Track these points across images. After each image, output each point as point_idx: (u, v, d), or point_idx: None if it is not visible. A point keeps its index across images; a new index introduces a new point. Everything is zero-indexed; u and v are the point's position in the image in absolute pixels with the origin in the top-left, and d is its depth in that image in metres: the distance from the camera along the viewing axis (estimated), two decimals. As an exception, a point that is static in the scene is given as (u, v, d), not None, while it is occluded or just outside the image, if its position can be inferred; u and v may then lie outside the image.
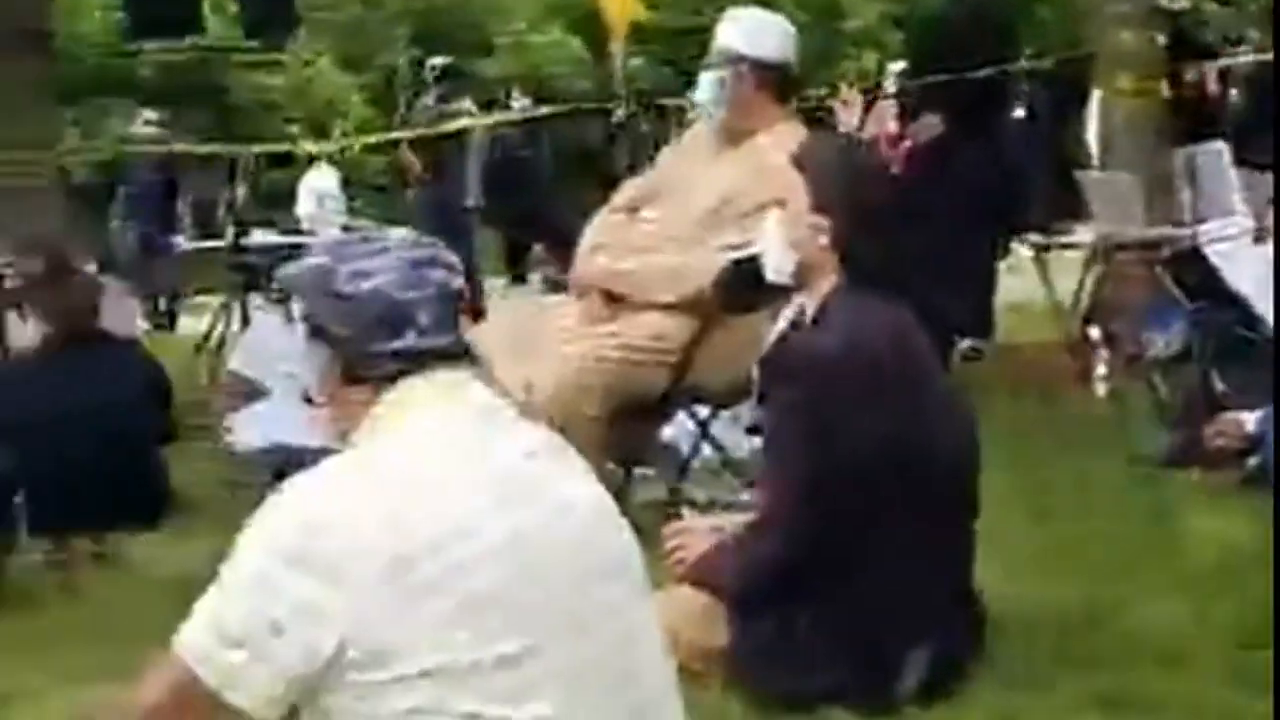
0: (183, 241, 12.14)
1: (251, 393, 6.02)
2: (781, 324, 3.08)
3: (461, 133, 10.19)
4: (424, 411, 1.83)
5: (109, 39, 17.95)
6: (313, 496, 1.76)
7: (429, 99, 10.61)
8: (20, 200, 7.12)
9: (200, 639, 1.76)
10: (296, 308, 1.94)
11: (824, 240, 2.85)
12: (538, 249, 6.08)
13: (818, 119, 7.22)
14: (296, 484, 1.78)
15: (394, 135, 11.03)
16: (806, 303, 2.93)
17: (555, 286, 5.25)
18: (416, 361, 1.84)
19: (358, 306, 1.83)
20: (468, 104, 10.82)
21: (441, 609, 1.71)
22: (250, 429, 5.59)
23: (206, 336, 7.64)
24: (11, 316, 6.25)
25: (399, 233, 1.94)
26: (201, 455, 5.44)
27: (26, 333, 5.35)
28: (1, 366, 5.55)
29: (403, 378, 1.83)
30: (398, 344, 1.83)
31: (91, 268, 6.17)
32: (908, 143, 6.64)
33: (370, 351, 1.83)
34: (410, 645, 1.70)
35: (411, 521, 1.72)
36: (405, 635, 1.70)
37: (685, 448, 4.42)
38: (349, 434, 1.88)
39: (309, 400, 5.38)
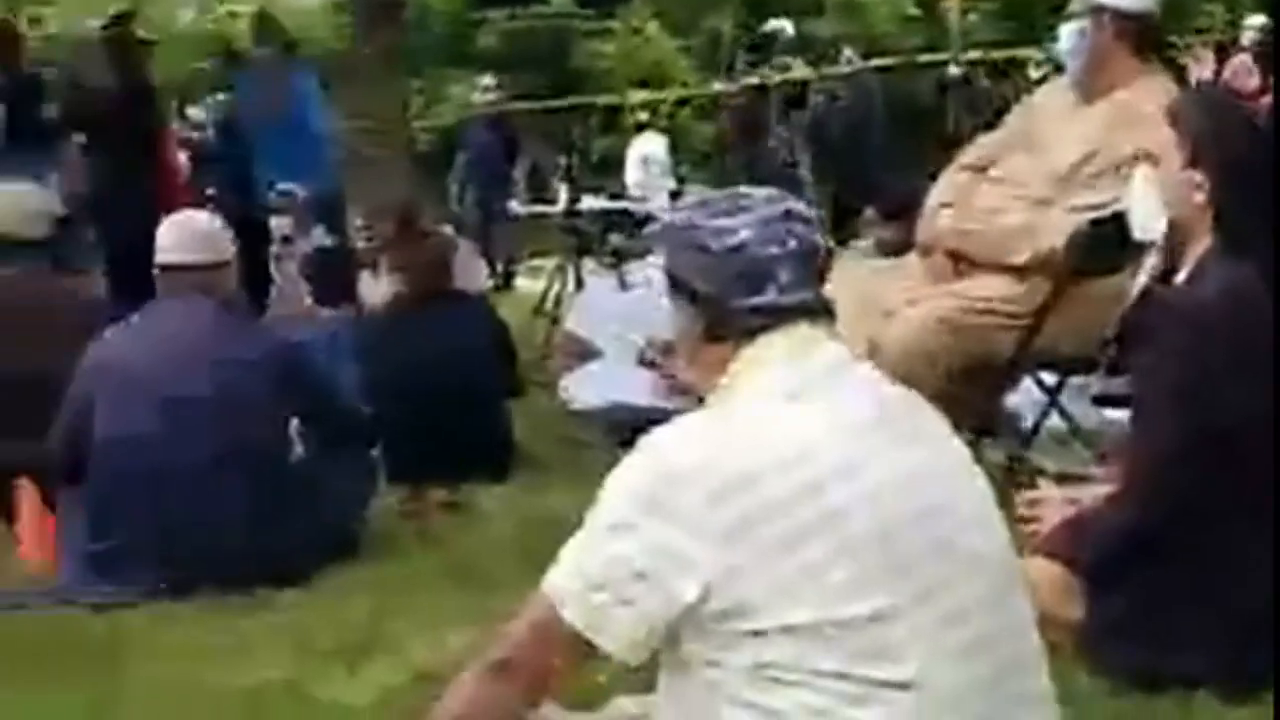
0: (518, 206, 12.55)
1: (585, 353, 6.18)
2: (1143, 279, 2.93)
3: (787, 92, 10.17)
4: (781, 368, 1.82)
5: (454, 9, 18.70)
6: (673, 448, 1.78)
7: (754, 60, 10.64)
8: (372, 168, 7.48)
9: (565, 581, 1.80)
10: (649, 269, 1.97)
11: (1200, 198, 2.69)
12: (869, 212, 5.98)
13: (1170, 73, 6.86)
14: (657, 436, 1.81)
15: (716, 90, 11.12)
16: (1176, 263, 2.78)
17: (887, 251, 5.15)
18: (776, 318, 1.84)
19: (721, 262, 1.84)
20: (796, 64, 10.79)
21: (801, 564, 1.70)
22: (586, 388, 5.74)
23: (543, 298, 7.86)
24: (363, 275, 6.59)
25: (762, 190, 1.93)
26: (541, 412, 5.60)
27: (379, 290, 5.62)
28: (358, 324, 5.85)
29: (762, 334, 1.83)
30: (758, 300, 1.83)
31: (447, 229, 6.42)
32: (1267, 98, 6.27)
33: (731, 308, 1.84)
34: (768, 599, 1.70)
35: (771, 476, 1.72)
36: (764, 588, 1.70)
37: (1029, 416, 4.28)
38: (708, 391, 1.89)
39: (642, 362, 5.48)
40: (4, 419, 4.17)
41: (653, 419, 1.86)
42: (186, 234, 3.86)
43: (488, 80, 13.07)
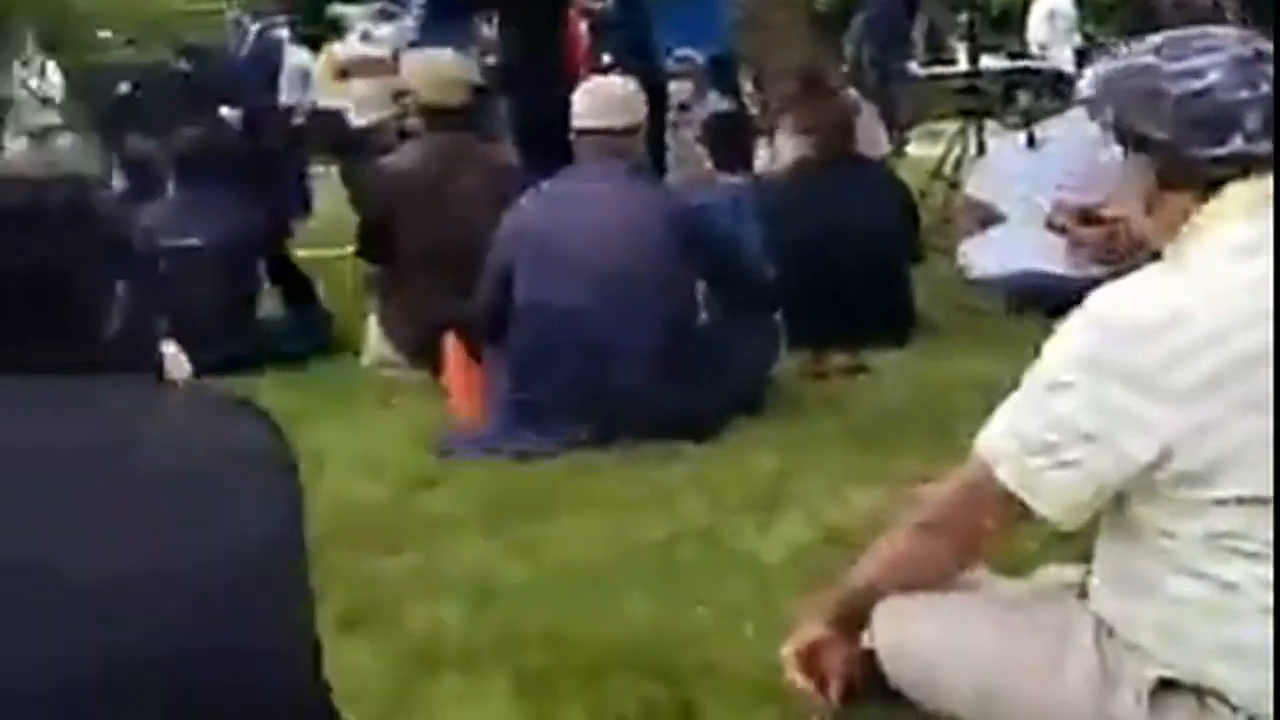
0: (916, 68, 12.22)
1: (988, 218, 5.98)
2: None
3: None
4: (1243, 223, 1.71)
5: None
6: (1126, 305, 1.71)
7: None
8: (770, 30, 7.42)
9: (1000, 443, 1.77)
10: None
11: None
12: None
13: None
14: (1104, 296, 1.74)
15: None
16: None
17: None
18: (1241, 168, 1.71)
19: (1181, 108, 1.72)
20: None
21: (1268, 428, 1.59)
22: (986, 254, 5.57)
23: (941, 162, 7.66)
24: (760, 142, 6.57)
25: (1230, 30, 1.79)
26: (939, 278, 5.49)
27: (781, 153, 5.59)
28: (758, 188, 5.84)
29: (1226, 185, 1.71)
30: (1220, 150, 1.71)
31: (852, 92, 6.31)
32: None
33: (1188, 156, 1.72)
34: (1234, 465, 1.61)
35: (1240, 332, 1.63)
36: (1234, 449, 1.62)
37: None
38: (1165, 243, 1.79)
39: (1050, 226, 5.21)
40: (429, 278, 4.41)
41: (1057, 287, 1.77)
42: (602, 98, 3.92)
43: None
